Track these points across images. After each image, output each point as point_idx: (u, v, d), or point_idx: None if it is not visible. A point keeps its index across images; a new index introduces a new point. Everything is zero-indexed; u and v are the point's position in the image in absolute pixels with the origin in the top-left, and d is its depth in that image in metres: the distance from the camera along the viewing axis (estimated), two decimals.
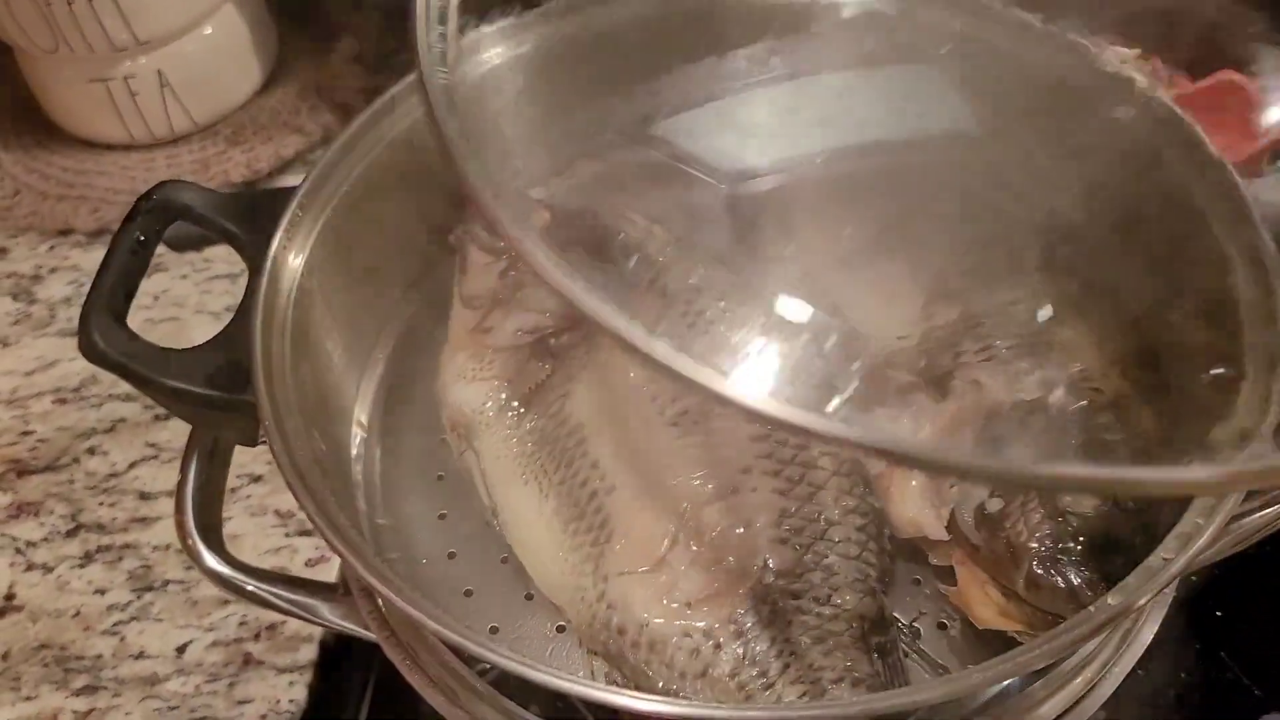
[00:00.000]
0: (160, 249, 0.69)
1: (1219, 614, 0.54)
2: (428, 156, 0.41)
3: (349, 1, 0.83)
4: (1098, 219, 0.35)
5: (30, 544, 0.57)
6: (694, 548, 0.35)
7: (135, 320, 0.66)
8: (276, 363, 0.33)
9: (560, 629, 0.37)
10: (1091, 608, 0.27)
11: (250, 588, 0.37)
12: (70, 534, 0.57)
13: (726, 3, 0.42)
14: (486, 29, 0.40)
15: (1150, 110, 0.35)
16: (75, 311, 0.67)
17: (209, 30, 0.73)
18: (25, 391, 0.64)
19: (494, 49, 0.42)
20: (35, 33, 0.69)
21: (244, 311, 0.34)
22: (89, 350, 0.33)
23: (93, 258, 0.71)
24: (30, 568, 0.56)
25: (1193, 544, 0.27)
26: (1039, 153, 0.36)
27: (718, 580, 0.34)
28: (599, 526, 0.36)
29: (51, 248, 0.72)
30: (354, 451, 0.40)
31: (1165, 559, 0.27)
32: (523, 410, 0.39)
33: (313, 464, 0.31)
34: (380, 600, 0.35)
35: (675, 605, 0.34)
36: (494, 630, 0.36)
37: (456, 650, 0.32)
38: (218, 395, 0.33)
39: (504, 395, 0.39)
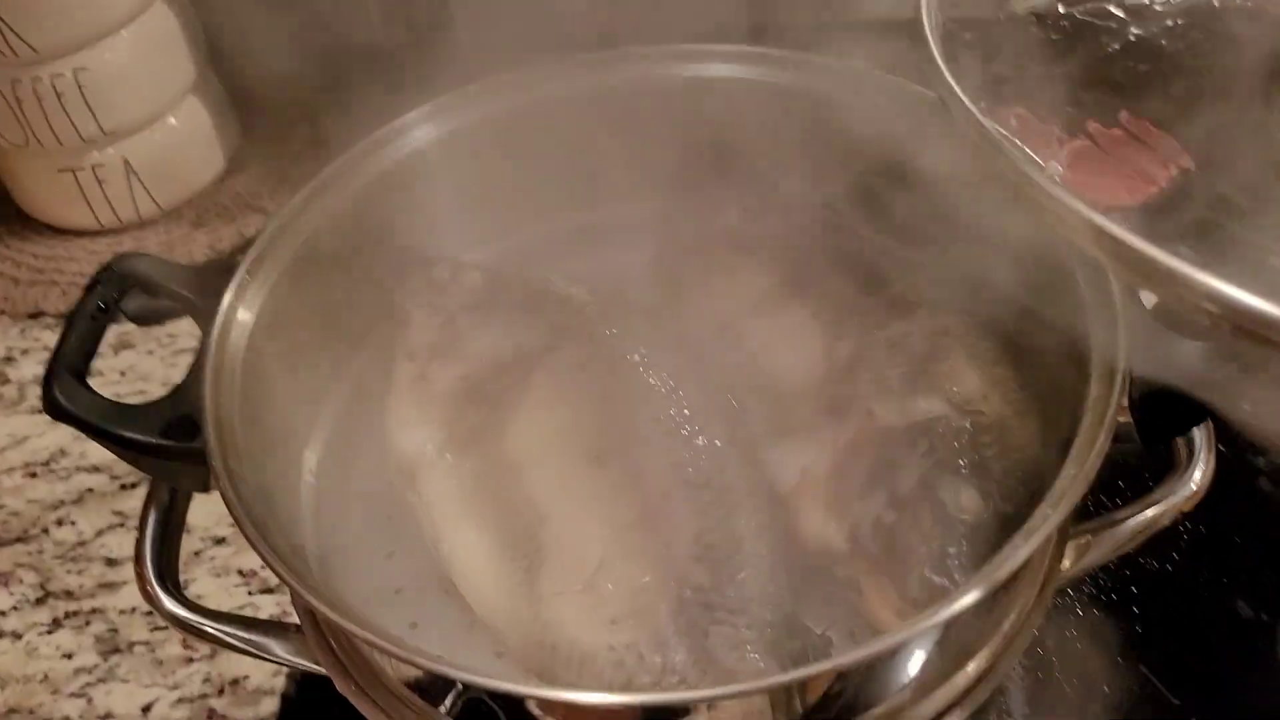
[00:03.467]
0: (127, 326, 0.73)
1: (1138, 629, 0.57)
2: (367, 227, 0.45)
3: (307, 89, 0.88)
4: (969, 260, 0.39)
5: (0, 613, 0.59)
6: (619, 568, 0.37)
7: (109, 394, 0.69)
8: (225, 411, 0.36)
9: (499, 654, 0.39)
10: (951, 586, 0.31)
11: (209, 629, 0.39)
12: (39, 601, 0.59)
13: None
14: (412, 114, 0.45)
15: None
16: None
17: (173, 120, 0.77)
18: None
19: (421, 128, 0.46)
20: (5, 127, 0.73)
21: (196, 366, 0.38)
22: (52, 407, 0.36)
23: None
24: (1, 635, 0.58)
25: (1037, 534, 0.30)
26: (912, 207, 0.41)
27: (640, 597, 0.37)
28: (533, 553, 0.39)
29: (23, 330, 0.74)
30: (303, 494, 0.43)
31: (1016, 546, 0.30)
32: (461, 452, 0.42)
33: (260, 501, 0.34)
34: (327, 632, 0.37)
35: (602, 622, 0.37)
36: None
37: (413, 681, 0.34)
38: (171, 445, 0.36)
39: (443, 436, 0.42)
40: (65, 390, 0.36)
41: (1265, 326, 0.26)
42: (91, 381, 0.38)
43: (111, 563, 0.61)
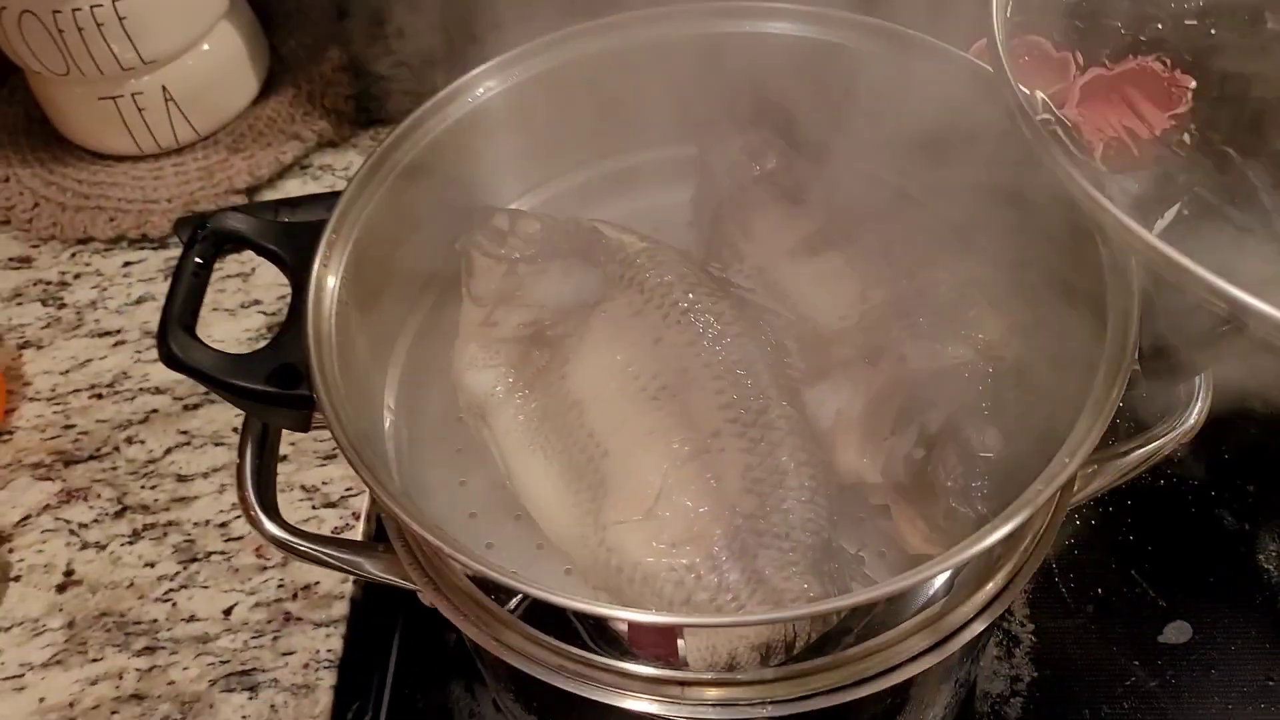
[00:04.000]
0: (178, 251, 0.75)
1: (1131, 538, 0.63)
2: (433, 181, 0.48)
3: (333, 13, 0.88)
4: (996, 216, 0.42)
5: (83, 525, 0.63)
6: (676, 498, 0.42)
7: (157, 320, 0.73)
8: (325, 361, 0.40)
9: (568, 572, 0.44)
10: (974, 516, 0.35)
11: (304, 548, 0.44)
12: (118, 515, 0.64)
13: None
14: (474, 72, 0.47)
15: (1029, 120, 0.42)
16: (101, 314, 0.74)
17: (207, 47, 0.78)
18: (63, 389, 0.70)
19: (482, 85, 0.48)
20: (47, 58, 0.75)
21: (294, 320, 0.41)
22: (168, 359, 0.39)
23: (112, 263, 0.77)
24: (85, 546, 0.63)
25: (1056, 480, 0.34)
26: (944, 165, 0.44)
27: (696, 524, 0.41)
28: (597, 485, 0.43)
29: (73, 255, 0.77)
30: (385, 431, 0.47)
31: (1038, 490, 0.35)
32: (527, 391, 0.46)
33: (361, 441, 0.38)
34: (419, 553, 0.42)
35: (662, 546, 0.41)
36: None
37: (486, 586, 0.39)
38: (276, 392, 0.40)
39: (510, 379, 0.46)
40: (179, 343, 0.39)
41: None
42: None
43: (182, 479, 0.65)
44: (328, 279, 0.42)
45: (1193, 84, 0.69)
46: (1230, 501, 0.64)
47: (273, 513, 0.44)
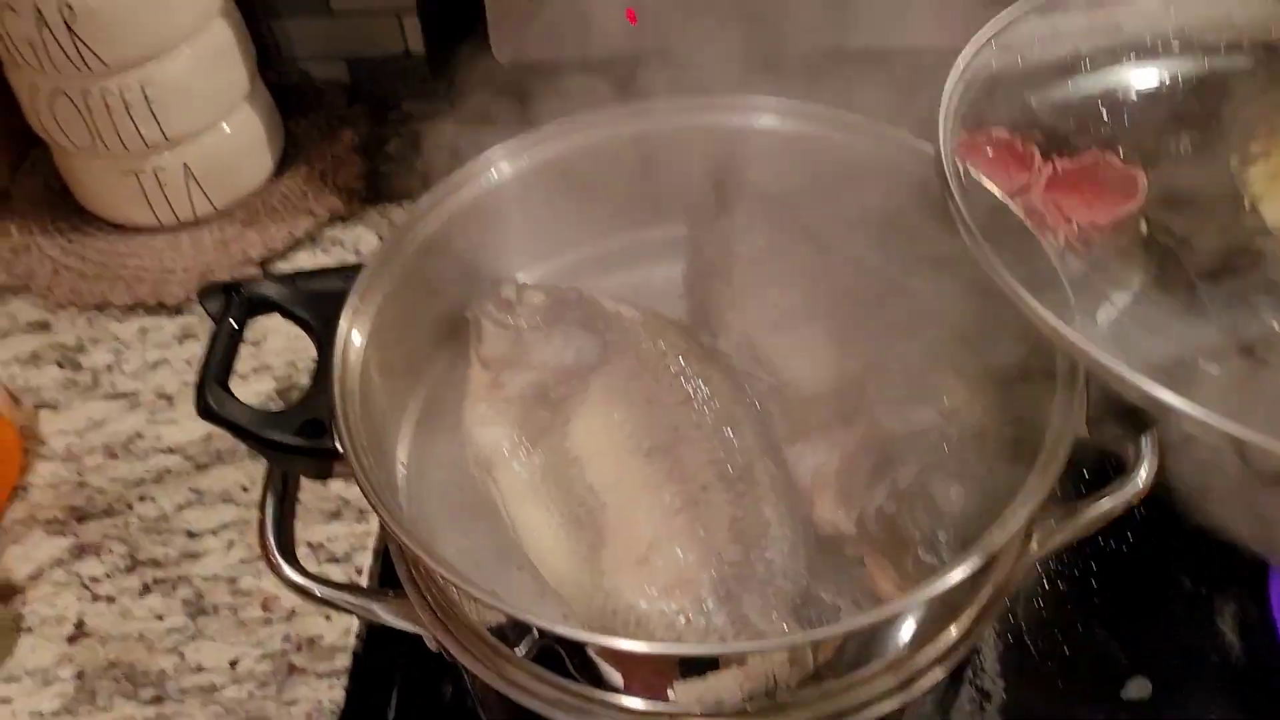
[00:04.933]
0: (193, 317, 0.79)
1: (1096, 600, 0.66)
2: (447, 254, 0.53)
3: (345, 97, 0.94)
4: (959, 293, 0.47)
5: (94, 579, 0.66)
6: (667, 546, 0.45)
7: (174, 383, 0.76)
8: (350, 418, 0.44)
9: (566, 617, 0.47)
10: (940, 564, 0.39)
11: (320, 593, 0.47)
12: (129, 569, 0.66)
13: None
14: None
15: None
16: (117, 377, 0.77)
17: (227, 127, 0.83)
18: (78, 448, 0.73)
19: (499, 164, 0.53)
20: (75, 134, 0.79)
21: (319, 380, 0.45)
22: (205, 411, 0.43)
23: (128, 328, 0.80)
24: (96, 599, 0.65)
25: (1008, 527, 0.38)
26: (914, 246, 0.49)
27: (686, 571, 0.45)
28: (595, 535, 0.47)
29: (90, 321, 0.80)
30: (399, 483, 0.51)
31: (992, 538, 0.39)
32: (531, 448, 0.49)
33: (383, 489, 0.42)
34: (428, 596, 0.45)
35: (655, 591, 0.45)
36: None
37: (500, 626, 0.42)
38: (304, 444, 0.43)
39: (516, 437, 0.50)
40: (215, 397, 0.43)
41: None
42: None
43: (192, 535, 0.67)
44: (352, 341, 0.46)
45: (1144, 179, 0.75)
46: (1189, 566, 0.67)
47: (291, 558, 0.47)
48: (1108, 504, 0.48)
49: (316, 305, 0.47)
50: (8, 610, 0.64)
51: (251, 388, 0.75)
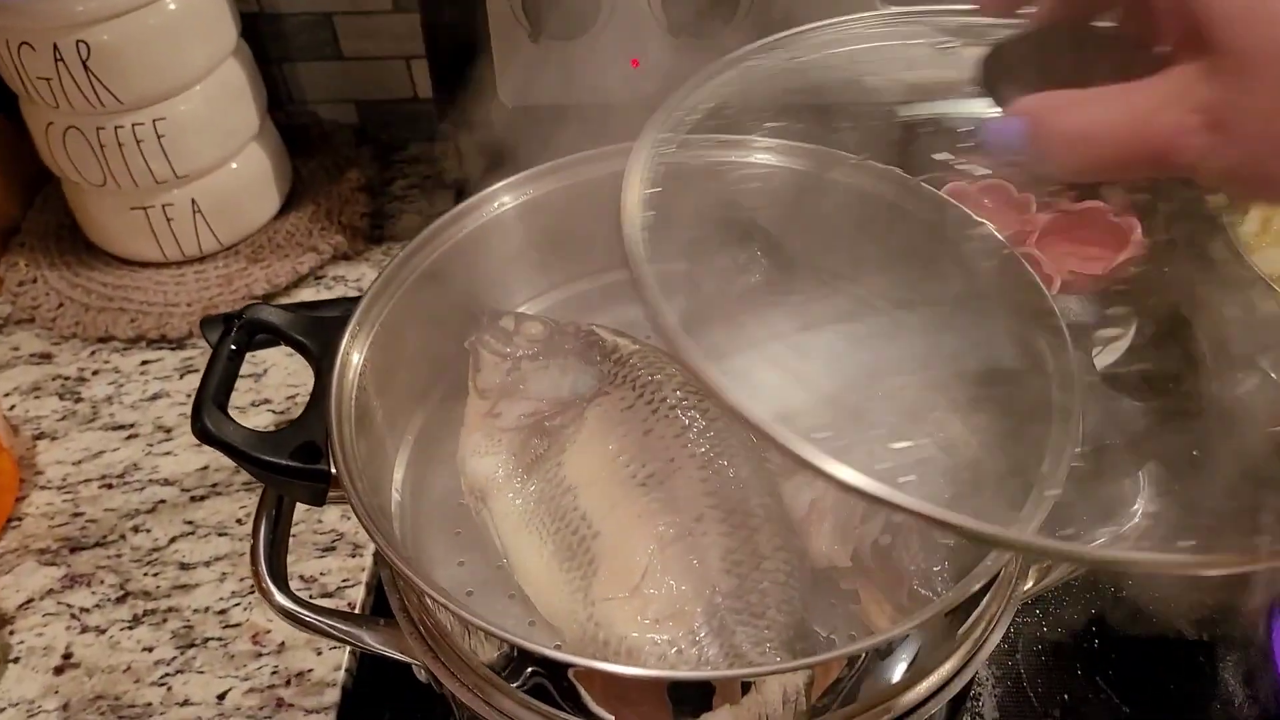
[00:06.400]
0: (195, 351, 0.80)
1: (1095, 645, 0.65)
2: (446, 284, 0.53)
3: (352, 138, 0.96)
4: (955, 326, 0.47)
5: (84, 610, 0.66)
6: (661, 577, 0.45)
7: (173, 415, 0.76)
8: (345, 441, 0.44)
9: (558, 647, 0.47)
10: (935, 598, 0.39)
11: (310, 619, 0.47)
12: (120, 600, 0.66)
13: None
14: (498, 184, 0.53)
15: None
16: (116, 408, 0.77)
17: (236, 165, 0.84)
18: (74, 479, 0.73)
19: (502, 198, 0.54)
20: (86, 169, 0.81)
21: (315, 403, 0.45)
22: (202, 432, 0.43)
23: (130, 361, 0.81)
24: (85, 630, 0.64)
25: (997, 562, 0.38)
26: (910, 282, 0.49)
27: (679, 602, 0.44)
28: (587, 564, 0.46)
29: (92, 353, 0.81)
30: (393, 510, 0.51)
31: (986, 566, 0.38)
32: (526, 476, 0.49)
33: (377, 513, 0.42)
34: (420, 625, 0.45)
35: (647, 622, 0.44)
36: None
37: (491, 654, 0.41)
38: (300, 466, 0.43)
39: (511, 465, 0.50)
40: (212, 419, 0.43)
41: None
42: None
43: (185, 567, 0.67)
44: (350, 364, 0.47)
45: (1138, 227, 0.76)
46: (1189, 613, 0.67)
47: (282, 584, 0.47)
48: (1104, 538, 0.48)
49: (316, 331, 0.48)
50: None
51: (251, 420, 0.75)
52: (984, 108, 0.35)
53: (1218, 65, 0.29)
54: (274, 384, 0.78)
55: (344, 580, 0.66)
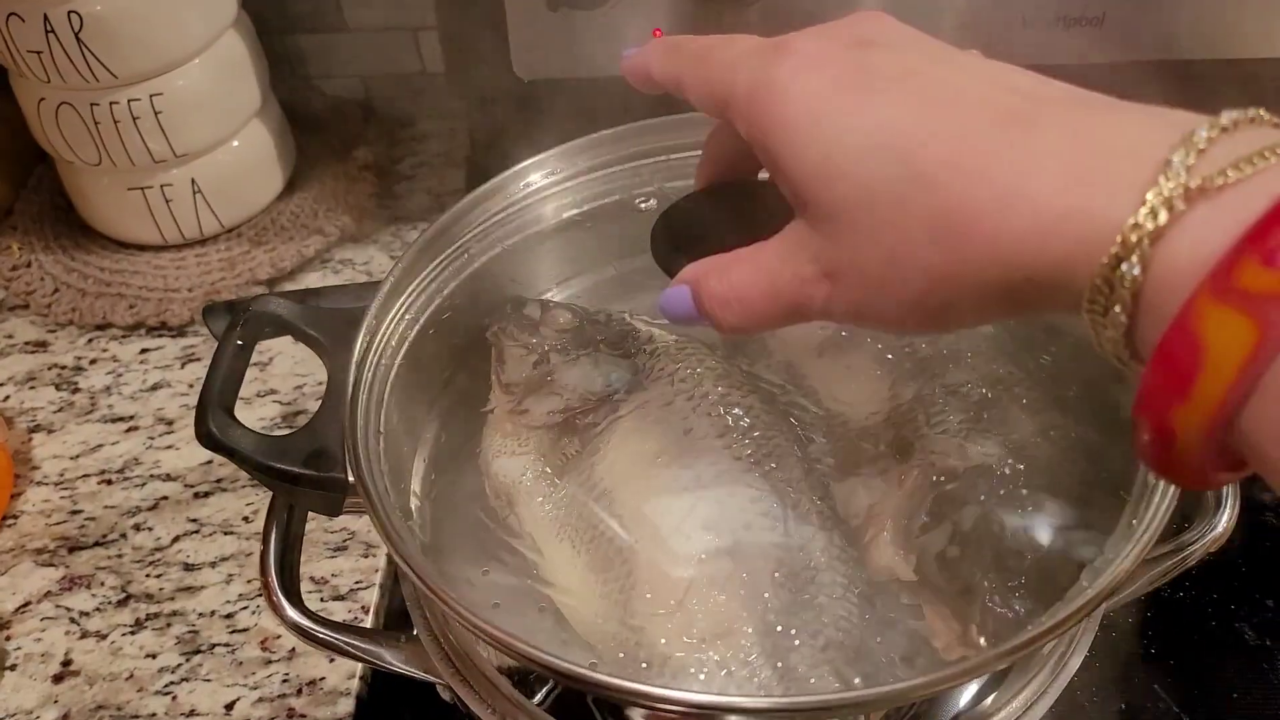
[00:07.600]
0: (197, 339, 0.76)
1: (1154, 652, 0.62)
2: (469, 272, 0.49)
3: (360, 116, 0.91)
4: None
5: (84, 613, 0.62)
6: (706, 592, 0.41)
7: (174, 407, 0.72)
8: (363, 446, 0.40)
9: (593, 666, 0.43)
10: (1029, 627, 0.35)
11: (325, 636, 0.43)
12: (121, 603, 0.62)
13: None
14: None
15: None
16: (115, 399, 0.74)
17: (237, 143, 0.80)
18: (72, 474, 0.69)
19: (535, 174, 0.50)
20: (81, 148, 0.77)
21: (329, 405, 0.41)
22: (207, 438, 0.39)
23: (129, 349, 0.77)
24: (85, 635, 0.61)
25: (1102, 577, 0.34)
26: None
27: (727, 619, 0.41)
28: (625, 576, 0.42)
29: (90, 340, 0.78)
30: (413, 518, 0.47)
31: (1083, 587, 0.34)
32: (556, 479, 0.46)
33: (401, 527, 0.38)
34: (445, 643, 0.41)
35: (692, 641, 0.41)
36: None
37: (522, 673, 0.38)
38: (311, 474, 0.39)
39: (539, 467, 0.46)
40: (218, 423, 0.39)
41: None
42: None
43: (189, 567, 0.64)
44: (366, 362, 0.43)
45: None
46: (1250, 616, 0.63)
47: (295, 598, 0.43)
48: (1186, 552, 0.44)
49: (329, 324, 0.44)
50: None
51: (256, 412, 0.72)
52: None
53: (814, 219, 0.31)
54: (280, 373, 0.74)
55: (356, 582, 0.62)
